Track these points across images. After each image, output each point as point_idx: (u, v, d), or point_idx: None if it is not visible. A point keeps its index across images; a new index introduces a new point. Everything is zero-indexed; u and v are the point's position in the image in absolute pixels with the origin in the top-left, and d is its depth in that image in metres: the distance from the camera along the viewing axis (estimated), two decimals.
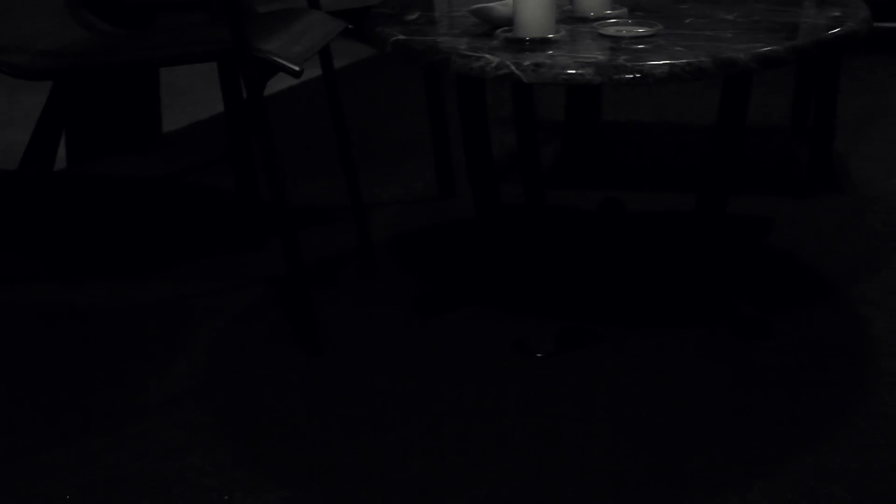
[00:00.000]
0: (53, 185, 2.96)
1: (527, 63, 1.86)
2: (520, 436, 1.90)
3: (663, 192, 2.82)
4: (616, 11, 2.13)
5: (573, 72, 1.85)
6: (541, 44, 1.95)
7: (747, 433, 1.90)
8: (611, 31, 2.01)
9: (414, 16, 2.17)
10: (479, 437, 1.90)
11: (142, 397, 2.04)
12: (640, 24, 2.03)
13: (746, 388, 2.03)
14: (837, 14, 2.07)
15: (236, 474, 1.82)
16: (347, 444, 1.89)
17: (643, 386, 2.04)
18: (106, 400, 2.03)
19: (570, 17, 2.11)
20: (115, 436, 1.93)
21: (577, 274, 2.42)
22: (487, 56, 1.89)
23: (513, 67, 1.87)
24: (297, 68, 2.08)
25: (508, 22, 2.01)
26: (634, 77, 1.86)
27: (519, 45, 1.95)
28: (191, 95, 3.48)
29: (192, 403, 2.02)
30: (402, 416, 1.96)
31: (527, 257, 2.45)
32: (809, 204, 2.76)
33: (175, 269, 2.52)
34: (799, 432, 1.90)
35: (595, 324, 2.22)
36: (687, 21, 2.08)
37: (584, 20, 2.10)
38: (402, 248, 2.60)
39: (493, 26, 2.04)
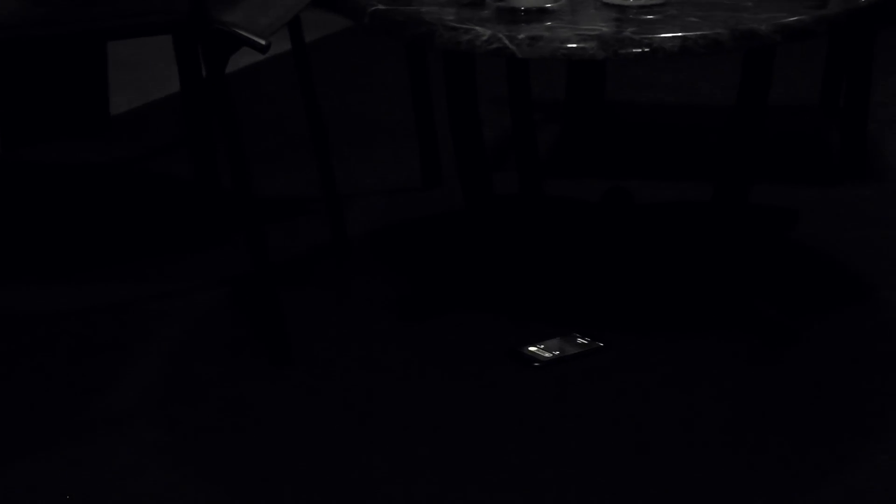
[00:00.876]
0: None
1: (522, 36, 1.87)
2: (514, 454, 1.91)
3: (676, 180, 2.83)
4: None
5: (574, 46, 1.86)
6: (537, 14, 1.96)
7: (767, 451, 1.91)
8: None
9: None
10: (469, 454, 1.91)
11: (88, 414, 2.04)
12: None
13: (767, 400, 2.04)
14: None
15: (198, 499, 1.83)
16: (322, 464, 1.90)
17: (651, 399, 2.05)
18: (46, 417, 2.03)
19: None
20: (57, 458, 1.92)
21: (579, 273, 2.43)
22: (477, 28, 1.90)
23: (506, 41, 1.87)
24: (263, 42, 2.08)
25: None
26: (643, 51, 1.87)
27: (513, 16, 1.95)
28: (143, 72, 3.48)
29: (146, 420, 2.02)
30: (384, 432, 1.97)
31: (522, 255, 2.45)
32: (840, 193, 2.77)
33: (126, 268, 2.51)
34: (825, 450, 1.91)
35: (599, 329, 2.23)
36: None
37: None
38: (381, 244, 2.60)
39: None
